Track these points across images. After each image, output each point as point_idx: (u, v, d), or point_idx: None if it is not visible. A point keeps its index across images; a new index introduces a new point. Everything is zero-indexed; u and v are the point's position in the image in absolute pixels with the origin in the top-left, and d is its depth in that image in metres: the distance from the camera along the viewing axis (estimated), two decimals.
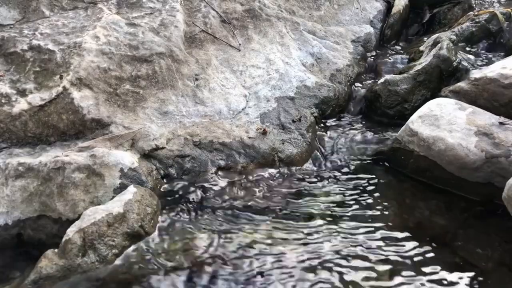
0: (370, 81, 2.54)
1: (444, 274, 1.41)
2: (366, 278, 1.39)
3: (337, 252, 1.49)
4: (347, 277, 1.39)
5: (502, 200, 1.50)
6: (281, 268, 1.42)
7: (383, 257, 1.47)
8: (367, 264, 1.44)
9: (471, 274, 1.41)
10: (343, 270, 1.42)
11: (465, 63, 2.37)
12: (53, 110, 1.82)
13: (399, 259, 1.46)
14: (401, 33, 3.10)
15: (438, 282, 1.38)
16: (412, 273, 1.41)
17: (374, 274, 1.40)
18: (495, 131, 1.71)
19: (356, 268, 1.43)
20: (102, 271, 1.37)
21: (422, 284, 1.37)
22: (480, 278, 1.40)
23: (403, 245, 1.52)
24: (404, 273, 1.41)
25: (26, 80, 1.89)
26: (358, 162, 2.01)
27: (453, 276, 1.40)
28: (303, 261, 1.45)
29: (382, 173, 1.95)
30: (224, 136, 1.93)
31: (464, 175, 1.73)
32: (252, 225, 1.61)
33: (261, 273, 1.40)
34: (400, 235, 1.57)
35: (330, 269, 1.42)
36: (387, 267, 1.43)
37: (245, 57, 2.34)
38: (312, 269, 1.42)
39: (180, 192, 1.73)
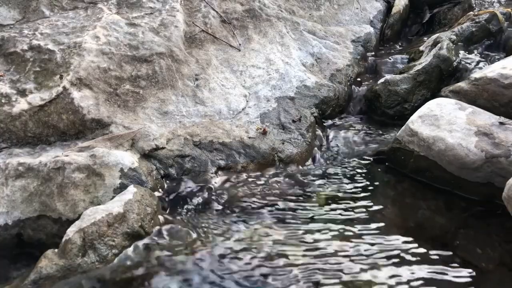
0: (370, 81, 2.54)
1: (444, 274, 1.40)
2: (366, 278, 1.39)
3: (336, 252, 1.49)
4: (346, 277, 1.39)
5: (502, 200, 1.50)
6: (281, 268, 1.42)
7: (382, 257, 1.47)
8: (367, 264, 1.44)
9: (471, 274, 1.41)
10: (343, 270, 1.42)
11: (465, 63, 2.37)
12: (53, 110, 1.82)
13: (399, 259, 1.46)
14: (401, 33, 3.11)
15: (438, 282, 1.38)
16: (412, 273, 1.41)
17: (373, 274, 1.40)
18: (495, 131, 1.71)
19: (355, 268, 1.43)
20: (102, 271, 1.37)
21: (422, 284, 1.37)
22: (480, 278, 1.40)
23: (403, 245, 1.52)
24: (404, 273, 1.41)
25: (26, 80, 1.89)
26: (358, 162, 2.01)
27: (453, 276, 1.40)
28: (302, 261, 1.45)
29: (382, 173, 1.95)
30: (224, 136, 1.93)
31: (464, 175, 1.73)
32: (252, 225, 1.61)
33: (261, 273, 1.40)
34: (400, 235, 1.57)
35: (329, 269, 1.42)
36: (387, 267, 1.43)
37: (245, 57, 2.34)
38: (311, 269, 1.42)
39: (180, 192, 1.73)
